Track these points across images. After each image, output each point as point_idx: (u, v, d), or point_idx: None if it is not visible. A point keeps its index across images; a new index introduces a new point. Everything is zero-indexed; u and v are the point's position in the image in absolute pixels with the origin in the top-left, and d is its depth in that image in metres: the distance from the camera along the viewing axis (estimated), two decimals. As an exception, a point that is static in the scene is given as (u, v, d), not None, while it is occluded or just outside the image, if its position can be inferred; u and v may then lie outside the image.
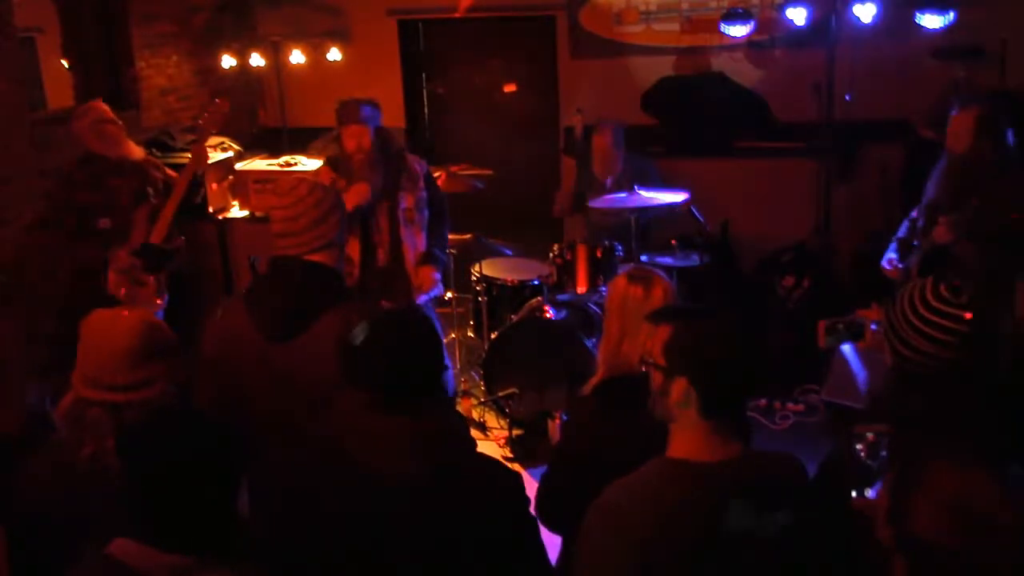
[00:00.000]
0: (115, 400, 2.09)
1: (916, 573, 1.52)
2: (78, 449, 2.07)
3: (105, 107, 4.49)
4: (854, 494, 1.90)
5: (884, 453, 1.89)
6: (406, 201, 4.11)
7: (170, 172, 4.55)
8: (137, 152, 4.52)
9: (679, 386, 1.82)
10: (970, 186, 3.94)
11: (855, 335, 2.72)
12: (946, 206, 4.00)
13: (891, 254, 4.33)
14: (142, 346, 2.14)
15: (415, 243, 4.14)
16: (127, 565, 1.67)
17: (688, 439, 1.85)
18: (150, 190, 4.39)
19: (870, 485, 1.90)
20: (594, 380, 2.45)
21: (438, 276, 4.19)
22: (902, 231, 4.37)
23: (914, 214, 4.33)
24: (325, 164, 4.23)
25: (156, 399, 2.12)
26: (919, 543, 1.49)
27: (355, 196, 3.94)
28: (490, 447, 4.60)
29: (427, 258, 4.17)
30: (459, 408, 4.77)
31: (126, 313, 2.23)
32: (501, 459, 3.39)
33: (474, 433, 4.09)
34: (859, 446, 1.92)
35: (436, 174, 4.90)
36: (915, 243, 4.23)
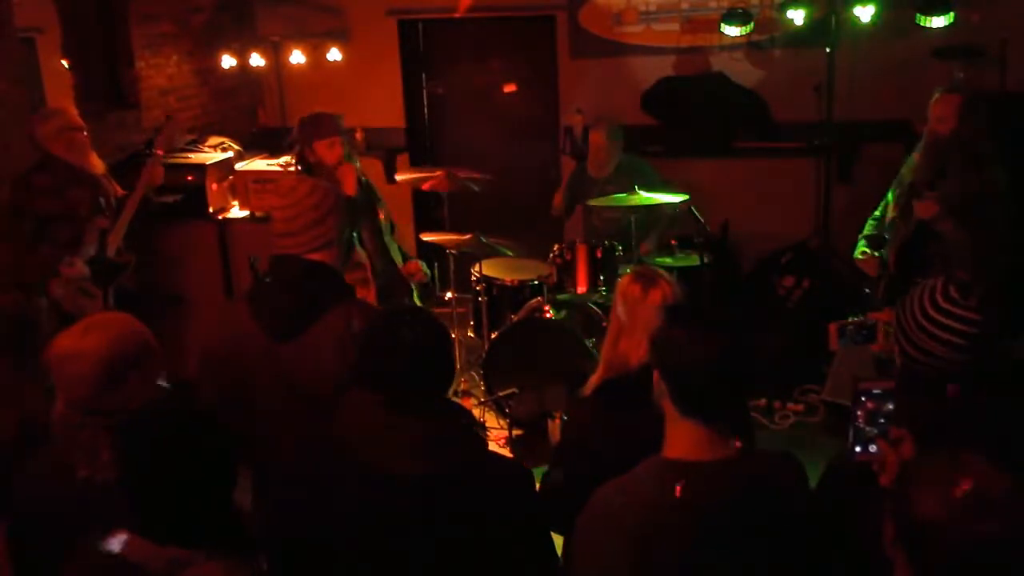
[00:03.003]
0: (106, 421, 2.05)
1: (916, 564, 1.52)
2: (74, 461, 2.06)
3: (74, 113, 4.25)
4: (857, 449, 1.89)
5: (883, 421, 1.88)
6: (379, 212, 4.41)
7: (119, 190, 4.33)
8: (98, 166, 4.27)
9: (656, 377, 1.88)
10: (954, 167, 3.98)
11: (867, 337, 2.70)
12: (927, 185, 4.04)
13: (864, 248, 4.37)
14: (113, 367, 2.07)
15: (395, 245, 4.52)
16: (125, 558, 1.67)
17: (681, 439, 1.85)
18: (103, 203, 4.18)
19: (871, 441, 1.89)
20: (594, 378, 2.46)
21: (423, 265, 4.65)
22: (868, 230, 4.41)
23: (877, 212, 4.39)
24: None
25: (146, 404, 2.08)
26: (918, 525, 1.49)
27: (351, 179, 4.00)
28: (490, 447, 4.59)
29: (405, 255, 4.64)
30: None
31: (87, 337, 2.10)
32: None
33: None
34: (859, 413, 1.91)
35: (435, 174, 4.92)
36: (885, 236, 4.27)
